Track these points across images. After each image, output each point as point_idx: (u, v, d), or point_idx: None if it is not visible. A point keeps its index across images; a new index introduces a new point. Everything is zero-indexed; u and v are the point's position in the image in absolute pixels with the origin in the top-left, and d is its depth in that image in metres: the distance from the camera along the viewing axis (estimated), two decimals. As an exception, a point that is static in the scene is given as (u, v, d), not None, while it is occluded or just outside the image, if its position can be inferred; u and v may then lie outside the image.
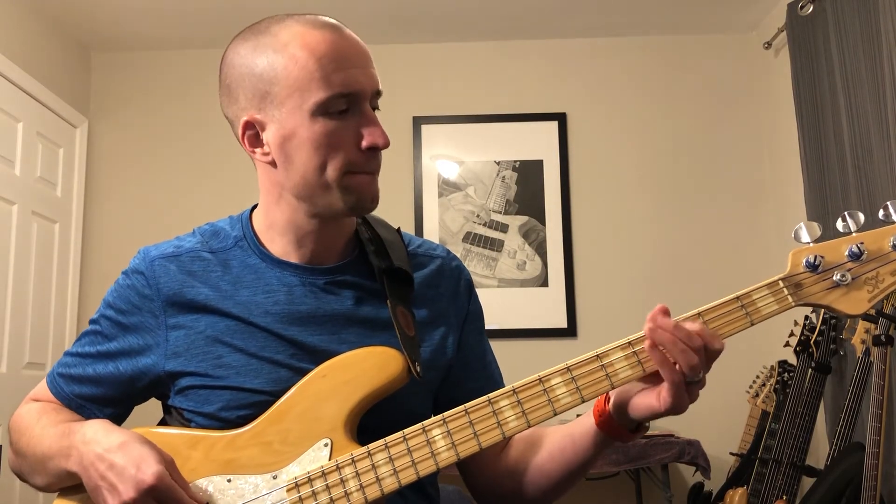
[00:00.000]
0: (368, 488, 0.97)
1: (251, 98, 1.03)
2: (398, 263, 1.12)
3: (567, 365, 0.98)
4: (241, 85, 1.04)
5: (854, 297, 0.97)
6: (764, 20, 3.57)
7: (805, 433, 2.61)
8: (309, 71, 1.00)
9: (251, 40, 1.05)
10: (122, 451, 0.95)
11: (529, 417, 0.97)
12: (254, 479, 1.00)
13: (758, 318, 0.97)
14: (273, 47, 1.02)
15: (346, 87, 1.01)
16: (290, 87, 1.00)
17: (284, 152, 1.03)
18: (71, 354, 1.14)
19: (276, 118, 1.02)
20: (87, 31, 3.59)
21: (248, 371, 1.04)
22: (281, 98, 1.01)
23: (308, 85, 1.00)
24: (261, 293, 1.08)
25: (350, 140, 1.02)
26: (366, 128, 1.02)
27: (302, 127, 1.01)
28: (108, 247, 3.63)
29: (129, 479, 0.93)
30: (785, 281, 0.98)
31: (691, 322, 0.94)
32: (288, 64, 1.00)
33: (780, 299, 0.97)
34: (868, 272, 0.97)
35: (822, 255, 0.98)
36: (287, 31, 1.02)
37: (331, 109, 1.01)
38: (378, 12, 3.44)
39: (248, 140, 1.06)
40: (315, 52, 1.00)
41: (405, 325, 1.08)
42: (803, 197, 3.04)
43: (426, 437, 0.98)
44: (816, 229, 1.00)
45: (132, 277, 1.11)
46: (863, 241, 0.98)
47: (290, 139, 1.02)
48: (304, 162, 1.02)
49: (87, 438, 0.99)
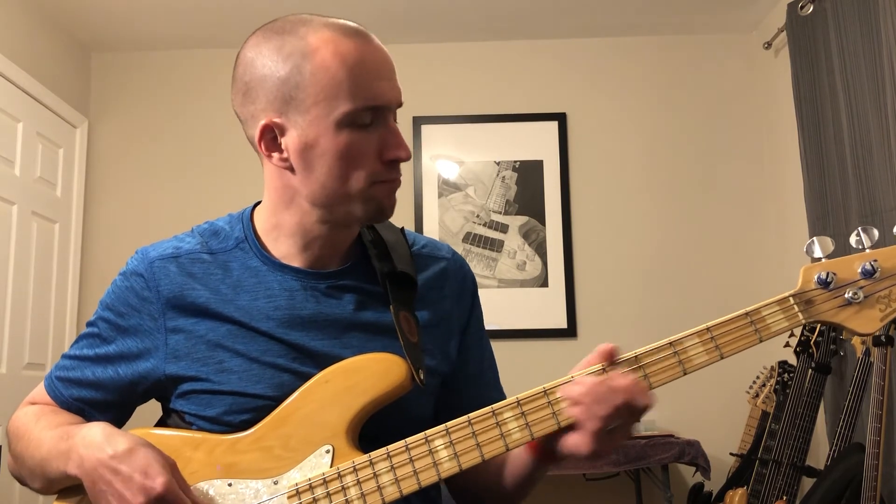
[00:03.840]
0: (370, 496, 0.97)
1: (273, 100, 1.00)
2: (401, 267, 1.11)
3: (573, 376, 0.97)
4: (262, 86, 1.01)
5: (866, 316, 0.95)
6: (764, 20, 3.57)
7: (805, 434, 2.60)
8: (339, 81, 0.98)
9: (275, 40, 1.01)
10: (127, 458, 0.94)
11: (533, 430, 0.97)
12: (255, 484, 0.99)
13: (767, 335, 0.96)
14: (302, 51, 0.99)
15: (374, 101, 1.00)
16: (317, 94, 0.98)
17: (305, 160, 1.01)
18: (69, 357, 1.12)
19: (299, 124, 1.00)
20: (87, 31, 3.58)
21: (250, 376, 1.03)
22: (306, 105, 0.99)
23: (336, 94, 0.98)
24: (262, 297, 1.06)
25: (373, 152, 1.01)
26: (389, 141, 1.02)
27: (325, 137, 0.99)
28: (108, 247, 3.63)
29: (137, 487, 0.92)
30: (796, 297, 0.97)
31: (622, 377, 0.94)
32: (317, 71, 0.98)
33: (790, 316, 0.96)
34: (881, 291, 0.96)
35: (834, 272, 0.96)
36: (317, 36, 0.99)
37: (357, 121, 0.99)
38: (378, 12, 3.44)
39: (266, 144, 1.03)
40: (346, 62, 0.98)
41: (408, 331, 1.07)
42: (803, 197, 3.04)
43: (429, 446, 0.97)
44: (829, 244, 0.98)
45: (131, 279, 1.09)
46: (876, 259, 0.96)
47: (313, 147, 1.00)
48: (325, 171, 1.01)
49: (87, 442, 0.97)
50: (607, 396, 0.92)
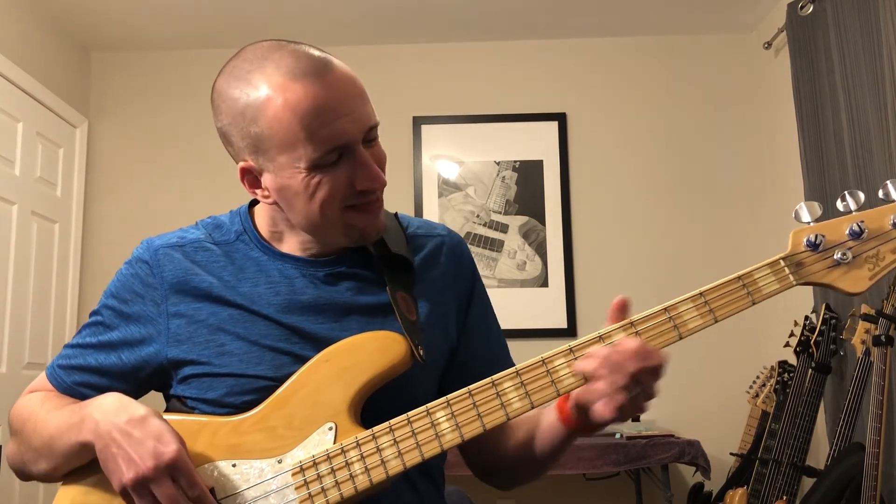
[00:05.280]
0: (373, 471, 0.97)
1: (245, 147, 1.04)
2: (395, 249, 1.13)
3: (570, 346, 0.99)
4: (232, 132, 1.04)
5: (855, 276, 0.97)
6: (764, 20, 3.57)
7: (805, 433, 2.61)
8: (294, 132, 0.98)
9: (234, 88, 1.02)
10: (141, 424, 0.96)
11: (533, 399, 0.98)
12: (259, 464, 1.00)
13: (759, 297, 0.98)
14: (255, 104, 0.99)
15: (335, 142, 0.99)
16: (278, 146, 1.00)
17: (284, 199, 1.05)
18: (71, 346, 1.13)
19: (271, 169, 1.03)
20: (87, 31, 3.59)
21: (251, 358, 1.05)
22: (272, 154, 1.01)
23: (295, 146, 0.99)
24: (263, 284, 1.09)
25: (344, 185, 1.02)
26: (359, 171, 1.02)
27: (295, 181, 1.01)
28: (108, 247, 3.63)
29: (149, 451, 0.94)
30: (786, 260, 0.99)
31: (629, 340, 0.95)
32: (272, 124, 0.98)
33: (782, 278, 0.98)
34: (869, 250, 0.98)
35: (822, 234, 0.99)
36: (267, 83, 0.99)
37: (322, 164, 1.00)
38: (378, 12, 3.43)
39: (248, 183, 1.07)
40: (297, 111, 0.97)
41: (406, 310, 1.09)
42: (803, 197, 3.04)
43: (430, 419, 0.98)
44: (817, 209, 1.01)
45: (136, 266, 1.11)
46: (863, 220, 0.99)
47: (286, 189, 1.03)
48: (302, 210, 1.04)
49: (104, 409, 0.99)
50: (621, 364, 0.93)
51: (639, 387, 0.93)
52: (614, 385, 0.93)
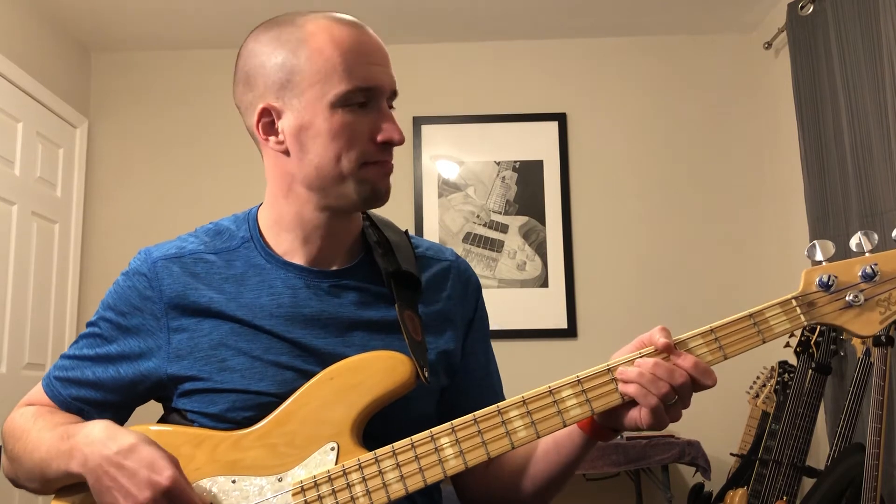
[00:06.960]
0: (375, 494, 0.97)
1: (270, 86, 1.04)
2: (406, 266, 1.11)
3: (578, 377, 0.98)
4: (260, 73, 1.05)
5: (866, 319, 0.98)
6: (764, 20, 3.57)
7: (805, 434, 2.60)
8: (333, 63, 1.01)
9: (274, 30, 1.06)
10: (132, 454, 0.94)
11: (539, 428, 0.97)
12: (259, 481, 0.99)
13: (770, 337, 0.98)
14: (298, 37, 1.03)
15: (367, 82, 1.02)
16: (312, 77, 1.02)
17: (300, 142, 1.04)
18: (68, 357, 1.11)
19: (295, 107, 1.03)
20: (87, 31, 3.59)
21: (253, 374, 1.03)
22: (302, 88, 1.02)
23: (331, 76, 1.01)
24: (265, 295, 1.07)
25: (366, 133, 1.03)
26: (382, 123, 1.04)
27: (320, 118, 1.02)
28: (108, 247, 3.63)
29: (143, 481, 0.92)
30: (798, 300, 0.98)
31: (683, 358, 0.95)
32: (312, 55, 1.02)
33: (793, 318, 0.98)
34: (881, 294, 0.98)
35: (835, 275, 0.98)
36: (313, 24, 1.04)
37: (350, 102, 1.02)
38: (378, 12, 3.43)
39: (263, 127, 1.06)
40: (340, 46, 1.02)
41: (413, 329, 1.07)
42: (804, 197, 3.04)
43: (434, 444, 0.97)
44: (830, 248, 1.00)
45: (133, 279, 1.09)
46: (876, 263, 0.98)
47: (307, 129, 1.03)
48: (319, 152, 1.03)
49: (91, 439, 0.97)
50: (669, 375, 0.94)
51: (675, 398, 0.94)
52: (659, 391, 0.94)
